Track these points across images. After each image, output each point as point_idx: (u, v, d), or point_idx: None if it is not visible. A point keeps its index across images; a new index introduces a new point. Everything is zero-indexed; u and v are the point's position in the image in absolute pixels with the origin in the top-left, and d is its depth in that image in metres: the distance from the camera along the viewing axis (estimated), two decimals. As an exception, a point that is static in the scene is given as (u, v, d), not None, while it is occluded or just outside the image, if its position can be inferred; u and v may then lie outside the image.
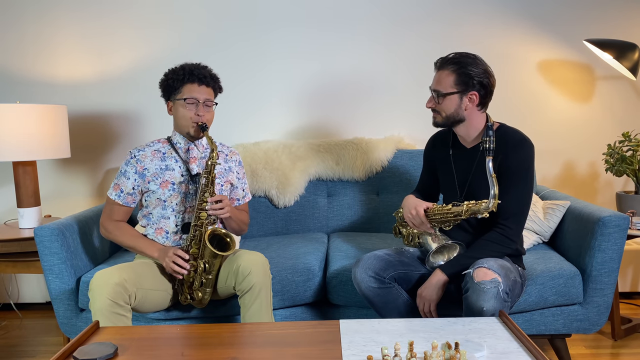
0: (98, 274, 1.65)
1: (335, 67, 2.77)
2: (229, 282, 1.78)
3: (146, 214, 1.92)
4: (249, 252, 1.79)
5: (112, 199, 1.89)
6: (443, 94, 1.74)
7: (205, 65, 1.90)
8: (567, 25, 2.75)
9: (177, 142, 1.93)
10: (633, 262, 2.86)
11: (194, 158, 1.91)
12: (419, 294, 1.73)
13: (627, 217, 1.90)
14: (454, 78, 1.72)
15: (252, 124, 2.80)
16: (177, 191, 1.87)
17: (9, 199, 2.81)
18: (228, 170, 2.00)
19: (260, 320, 1.71)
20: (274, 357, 1.26)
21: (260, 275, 1.72)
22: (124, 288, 1.62)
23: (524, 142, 1.72)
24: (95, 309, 1.59)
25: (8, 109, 2.24)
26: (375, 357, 1.24)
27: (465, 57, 1.72)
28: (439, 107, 1.76)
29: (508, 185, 1.71)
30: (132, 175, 1.88)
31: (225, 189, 1.97)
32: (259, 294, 1.72)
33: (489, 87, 1.73)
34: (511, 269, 1.66)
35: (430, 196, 2.01)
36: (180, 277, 1.77)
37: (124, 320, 1.63)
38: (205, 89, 1.87)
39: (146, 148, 1.92)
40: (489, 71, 1.73)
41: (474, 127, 1.78)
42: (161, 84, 1.90)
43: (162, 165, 1.89)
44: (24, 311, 2.85)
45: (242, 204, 2.08)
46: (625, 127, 2.80)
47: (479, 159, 1.79)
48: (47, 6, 2.70)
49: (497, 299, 1.54)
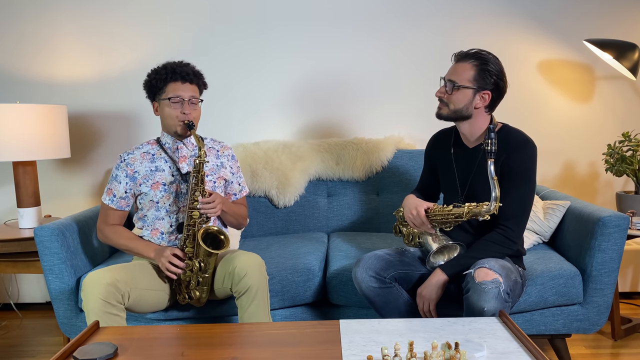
0: (90, 274, 1.65)
1: (335, 67, 2.77)
2: (226, 284, 1.78)
3: (141, 216, 1.92)
4: (244, 254, 1.78)
5: (107, 204, 1.90)
6: (458, 85, 1.72)
7: (187, 63, 1.88)
8: (567, 25, 2.75)
9: (165, 142, 1.93)
10: (633, 262, 2.86)
11: (183, 157, 1.91)
12: (419, 293, 1.73)
13: (627, 217, 1.90)
14: (474, 73, 1.71)
15: (252, 123, 2.80)
16: (169, 192, 1.87)
17: (9, 199, 2.81)
18: (220, 166, 1.98)
19: (258, 321, 1.71)
20: (274, 357, 1.26)
21: (257, 277, 1.71)
22: (116, 288, 1.62)
23: (527, 143, 1.72)
24: (89, 309, 1.60)
25: (8, 109, 2.24)
26: (375, 357, 1.24)
27: (487, 55, 1.72)
28: (449, 98, 1.74)
29: (510, 186, 1.70)
30: (123, 179, 1.88)
31: (218, 185, 1.96)
32: (256, 296, 1.71)
33: (503, 90, 1.73)
34: (512, 269, 1.66)
35: (430, 196, 2.01)
36: (175, 277, 1.77)
37: (118, 320, 1.63)
38: (190, 86, 1.85)
39: (135, 151, 1.91)
40: (504, 73, 1.73)
41: (477, 127, 1.78)
42: (145, 85, 1.89)
43: (152, 167, 1.89)
44: (24, 311, 2.85)
45: (239, 198, 2.06)
46: (625, 127, 2.80)
47: (480, 159, 1.78)
48: (46, 5, 2.70)
49: (498, 300, 1.54)
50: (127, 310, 1.72)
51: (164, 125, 1.90)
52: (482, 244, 1.71)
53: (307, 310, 2.04)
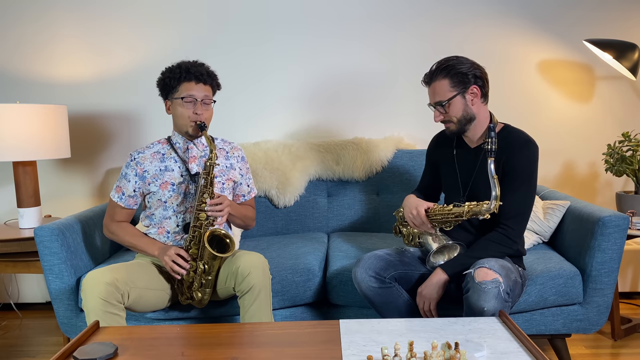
0: (90, 274, 1.65)
1: (335, 67, 2.77)
2: (229, 283, 1.78)
3: (149, 214, 1.92)
4: (248, 253, 1.78)
5: (115, 201, 1.90)
6: (446, 101, 1.73)
7: (202, 63, 1.88)
8: (567, 25, 2.75)
9: (176, 142, 1.93)
10: (633, 262, 2.86)
11: (193, 157, 1.90)
12: (419, 293, 1.73)
13: (627, 217, 1.90)
14: (449, 82, 1.73)
15: (252, 124, 2.80)
16: (177, 192, 1.87)
17: (9, 199, 2.81)
18: (230, 167, 1.98)
19: (259, 320, 1.71)
20: (274, 357, 1.26)
21: (260, 276, 1.71)
22: (115, 287, 1.63)
23: (529, 143, 1.72)
24: (88, 309, 1.60)
25: (8, 109, 2.24)
26: (375, 357, 1.24)
27: (448, 60, 1.74)
28: (447, 116, 1.76)
29: (511, 186, 1.71)
30: (132, 177, 1.88)
31: (227, 187, 1.96)
32: (259, 295, 1.71)
33: (484, 77, 1.75)
34: (512, 269, 1.66)
35: (431, 196, 2.01)
36: (179, 277, 1.77)
37: (118, 320, 1.63)
38: (203, 87, 1.85)
39: (146, 150, 1.91)
40: (476, 63, 1.75)
41: (481, 123, 1.78)
42: (159, 83, 1.89)
43: (162, 167, 1.89)
44: (24, 311, 2.85)
45: (247, 199, 2.06)
46: (625, 127, 2.80)
47: (482, 158, 1.79)
48: (46, 6, 2.70)
49: (498, 299, 1.54)
50: (128, 310, 1.72)
51: (176, 125, 1.90)
52: (483, 244, 1.71)
53: (307, 310, 2.04)
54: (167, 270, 1.80)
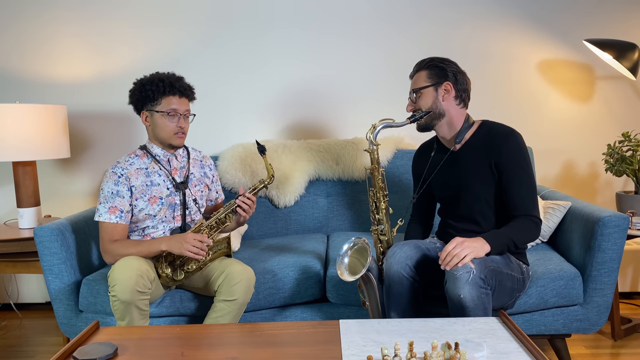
0: (118, 265, 1.68)
1: (334, 67, 2.77)
2: (212, 283, 1.83)
3: (133, 227, 1.91)
4: (241, 264, 1.85)
5: (113, 222, 1.83)
6: (418, 88, 1.79)
7: (181, 77, 1.92)
8: (567, 25, 2.75)
9: (156, 154, 1.93)
10: (633, 262, 2.86)
11: (174, 169, 1.95)
12: (458, 240, 1.59)
13: (627, 217, 1.90)
14: (427, 72, 1.79)
15: (252, 123, 2.80)
16: (166, 204, 1.91)
17: (9, 199, 2.81)
18: (204, 175, 2.05)
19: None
20: (274, 357, 1.26)
21: (243, 291, 1.78)
22: (145, 278, 1.69)
23: (512, 133, 1.74)
24: (122, 300, 1.65)
25: (8, 109, 2.24)
26: (375, 357, 1.24)
27: (434, 57, 1.81)
28: (417, 105, 1.81)
29: (514, 181, 1.71)
30: (125, 193, 1.86)
31: (204, 193, 2.04)
32: (240, 308, 1.80)
33: (464, 84, 1.78)
34: (495, 260, 1.65)
35: (427, 211, 2.03)
36: (201, 258, 1.79)
37: (144, 314, 1.72)
38: (185, 101, 1.91)
39: (128, 166, 1.89)
40: (461, 70, 1.80)
41: (454, 124, 1.80)
42: (134, 94, 1.89)
43: (147, 182, 1.90)
44: (23, 311, 2.85)
45: (216, 204, 2.14)
46: (625, 127, 2.80)
47: (465, 157, 1.79)
48: (45, 5, 2.70)
49: (472, 285, 1.53)
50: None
51: (155, 136, 1.91)
52: (517, 227, 1.68)
53: (307, 310, 2.04)
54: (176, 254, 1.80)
